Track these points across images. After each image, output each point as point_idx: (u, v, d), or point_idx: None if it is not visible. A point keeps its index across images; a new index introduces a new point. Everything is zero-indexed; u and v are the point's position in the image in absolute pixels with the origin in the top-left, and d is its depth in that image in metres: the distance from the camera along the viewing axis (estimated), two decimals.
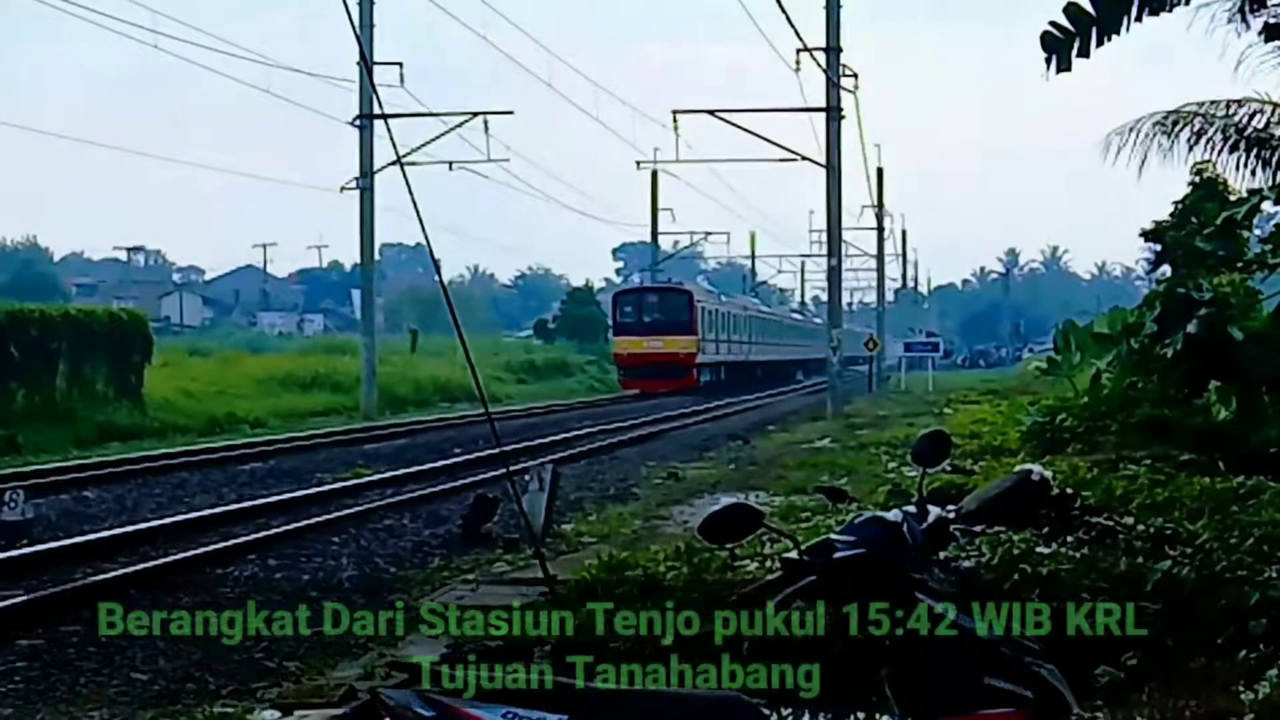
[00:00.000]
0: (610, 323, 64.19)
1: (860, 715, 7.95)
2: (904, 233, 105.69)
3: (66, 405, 32.51)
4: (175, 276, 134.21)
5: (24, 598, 11.62)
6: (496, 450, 15.32)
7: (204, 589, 12.46)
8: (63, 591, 11.89)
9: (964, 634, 3.92)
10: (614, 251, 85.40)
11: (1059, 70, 11.63)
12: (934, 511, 4.16)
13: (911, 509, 4.17)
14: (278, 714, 7.91)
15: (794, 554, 4.03)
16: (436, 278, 9.10)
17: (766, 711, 4.07)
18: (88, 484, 20.57)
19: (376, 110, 38.19)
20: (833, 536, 4.07)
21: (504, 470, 11.56)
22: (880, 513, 4.21)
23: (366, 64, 34.46)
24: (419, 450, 25.86)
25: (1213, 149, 17.80)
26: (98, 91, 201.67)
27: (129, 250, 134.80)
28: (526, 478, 14.80)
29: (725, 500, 4.24)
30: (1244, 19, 14.58)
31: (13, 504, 15.27)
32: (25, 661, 9.81)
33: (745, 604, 7.01)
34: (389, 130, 32.57)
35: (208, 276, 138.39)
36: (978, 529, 4.39)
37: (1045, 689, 3.92)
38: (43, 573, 13.01)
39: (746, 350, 71.35)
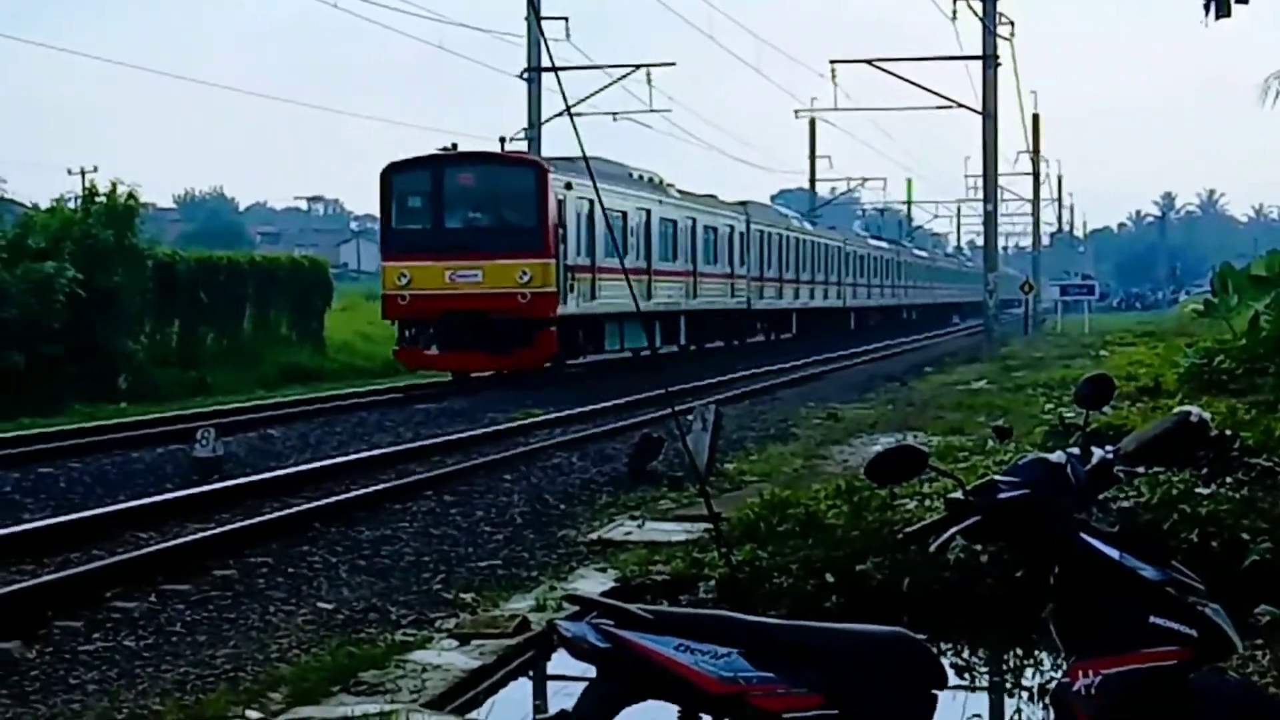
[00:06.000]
0: (379, 233, 34.70)
1: (1020, 652, 8.09)
2: (1059, 177, 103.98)
3: (252, 348, 33.66)
4: (353, 224, 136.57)
5: (216, 530, 12.17)
6: (662, 391, 15.55)
7: (383, 523, 12.92)
8: (252, 524, 12.41)
9: (1129, 573, 3.94)
10: (772, 198, 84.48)
11: (1218, 16, 11.42)
12: (1097, 453, 4.14)
13: (1075, 450, 4.20)
14: (455, 643, 8.10)
15: (958, 494, 4.12)
16: (605, 225, 9.31)
17: (931, 646, 4.16)
18: (273, 423, 21.29)
19: (545, 63, 38.59)
20: (996, 477, 4.13)
21: (669, 410, 11.77)
22: (1044, 454, 4.25)
23: (536, 18, 34.92)
24: (588, 390, 26.20)
25: None
26: (278, 48, 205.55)
27: (309, 200, 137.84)
28: (690, 417, 14.99)
29: (885, 441, 4.35)
30: None
31: (204, 441, 15.95)
32: (218, 591, 10.24)
33: (909, 542, 7.19)
34: (559, 82, 32.86)
35: None
36: (1139, 470, 4.41)
37: (1209, 628, 3.92)
38: (233, 507, 13.56)
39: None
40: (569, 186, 29.73)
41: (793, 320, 51.17)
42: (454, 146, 30.23)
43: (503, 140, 31.66)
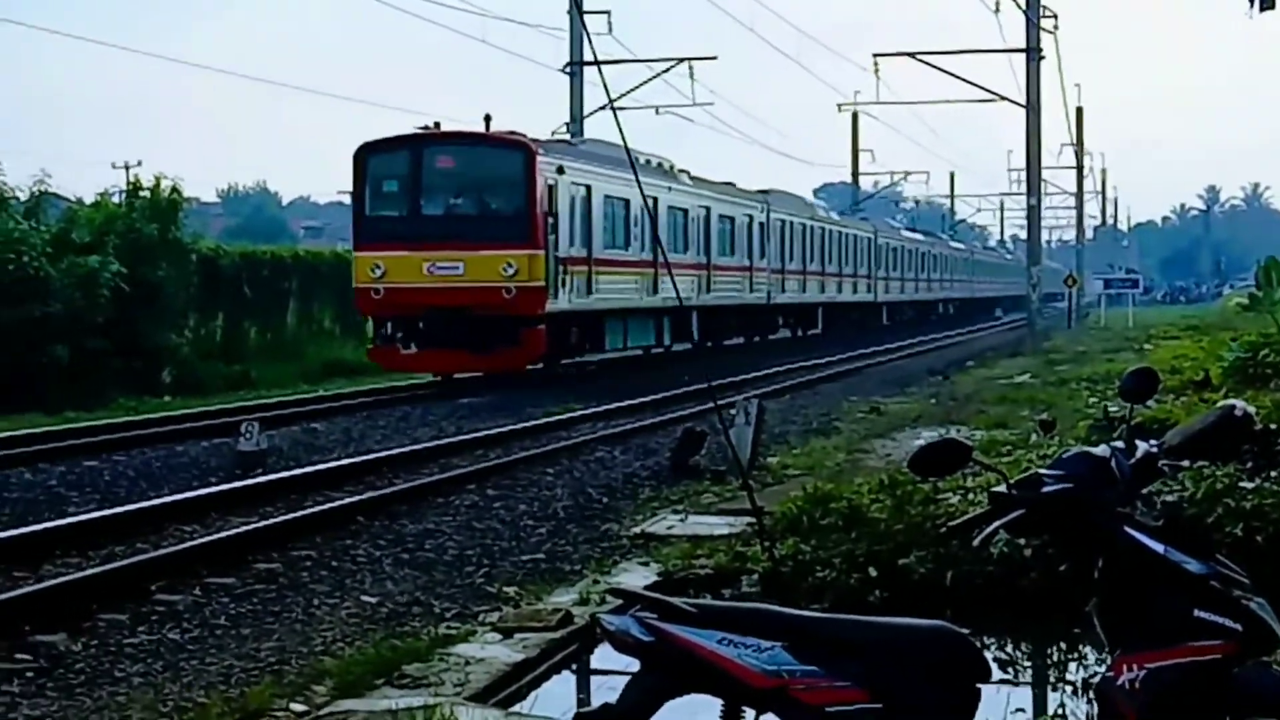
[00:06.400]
0: (353, 221, 29.09)
1: (1063, 646, 8.05)
2: (1103, 171, 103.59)
3: (296, 342, 33.89)
4: None
5: (260, 523, 12.24)
6: (704, 385, 15.57)
7: (426, 517, 12.96)
8: (295, 518, 12.48)
9: (1173, 567, 3.92)
10: (815, 192, 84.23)
11: (1263, 8, 11.33)
12: (1141, 446, 4.13)
13: (1119, 444, 4.18)
14: (499, 637, 8.12)
15: (1002, 488, 4.11)
16: (650, 218, 9.32)
17: (974, 640, 4.15)
18: (316, 417, 21.41)
19: (587, 57, 38.68)
20: (1041, 471, 4.12)
21: (712, 404, 11.76)
22: (1088, 448, 4.23)
23: (579, 12, 35.03)
24: (628, 385, 26.22)
25: None
26: (320, 41, 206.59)
27: (351, 194, 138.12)
28: (732, 411, 15.01)
29: (927, 435, 4.33)
30: None
31: (248, 435, 16.05)
32: (262, 584, 10.30)
33: (952, 536, 7.16)
34: (601, 75, 32.88)
35: None
36: (1183, 464, 4.38)
37: (1254, 622, 3.92)
38: (276, 500, 13.66)
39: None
40: (561, 170, 27.42)
41: (819, 315, 48.69)
42: (437, 125, 27.85)
43: (487, 119, 28.01)
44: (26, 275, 25.15)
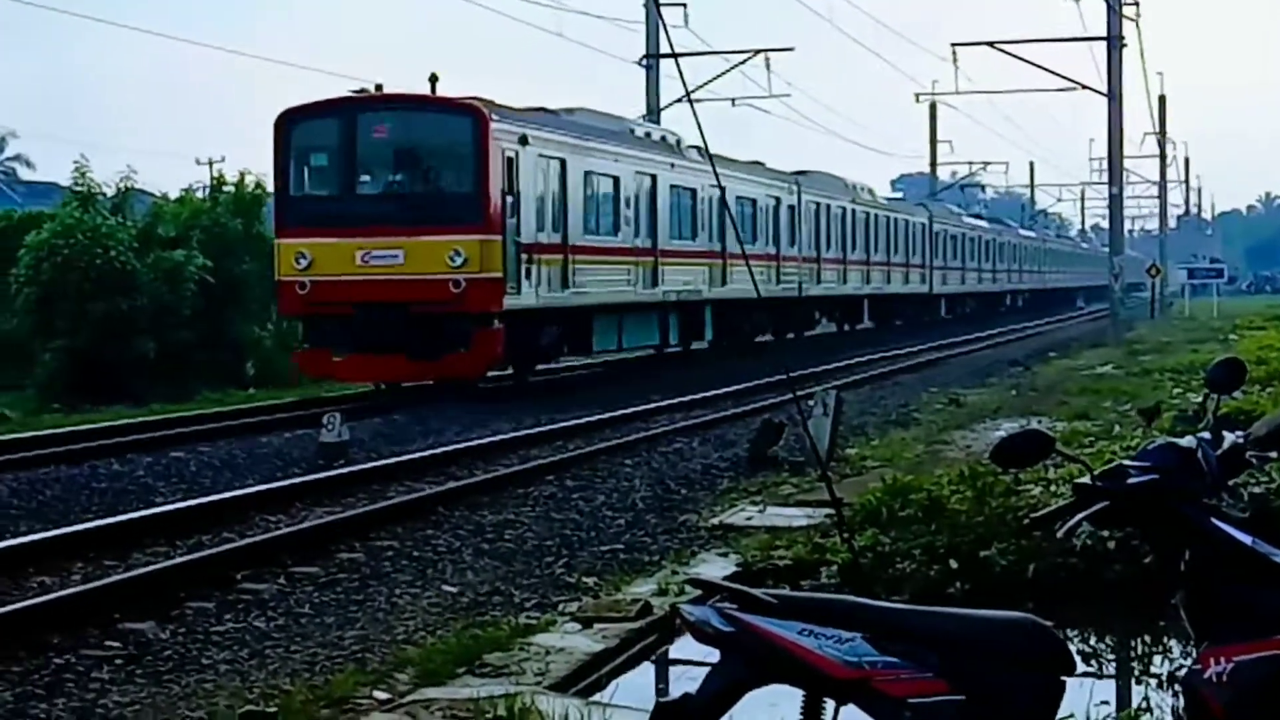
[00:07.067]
0: (274, 202, 25.78)
1: (1147, 639, 7.97)
2: (1186, 159, 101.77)
3: None
4: None
5: (343, 513, 12.40)
6: (783, 376, 15.52)
7: (505, 507, 13.03)
8: (377, 508, 12.61)
9: (1261, 559, 3.86)
10: (892, 183, 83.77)
11: None
12: (1228, 437, 4.07)
13: (1205, 435, 4.14)
14: (578, 626, 8.16)
15: (1086, 479, 4.07)
16: (726, 211, 9.32)
17: (1057, 632, 4.12)
18: (397, 408, 21.48)
19: (664, 50, 38.69)
20: (1125, 462, 4.08)
21: (791, 395, 11.74)
22: (1174, 439, 4.19)
23: (656, 4, 35.02)
24: (707, 376, 26.21)
25: None
26: (395, 36, 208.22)
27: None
28: (811, 403, 14.97)
29: (1008, 426, 4.30)
30: None
31: (330, 426, 16.22)
32: (345, 573, 10.40)
33: (1035, 528, 7.11)
34: (679, 68, 32.99)
35: None
36: (1270, 455, 4.32)
37: None
38: (358, 490, 13.81)
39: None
40: (524, 141, 23.27)
41: (863, 308, 45.00)
42: (379, 88, 23.96)
43: (433, 79, 23.58)
44: (114, 270, 25.57)
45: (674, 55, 35.93)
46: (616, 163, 26.93)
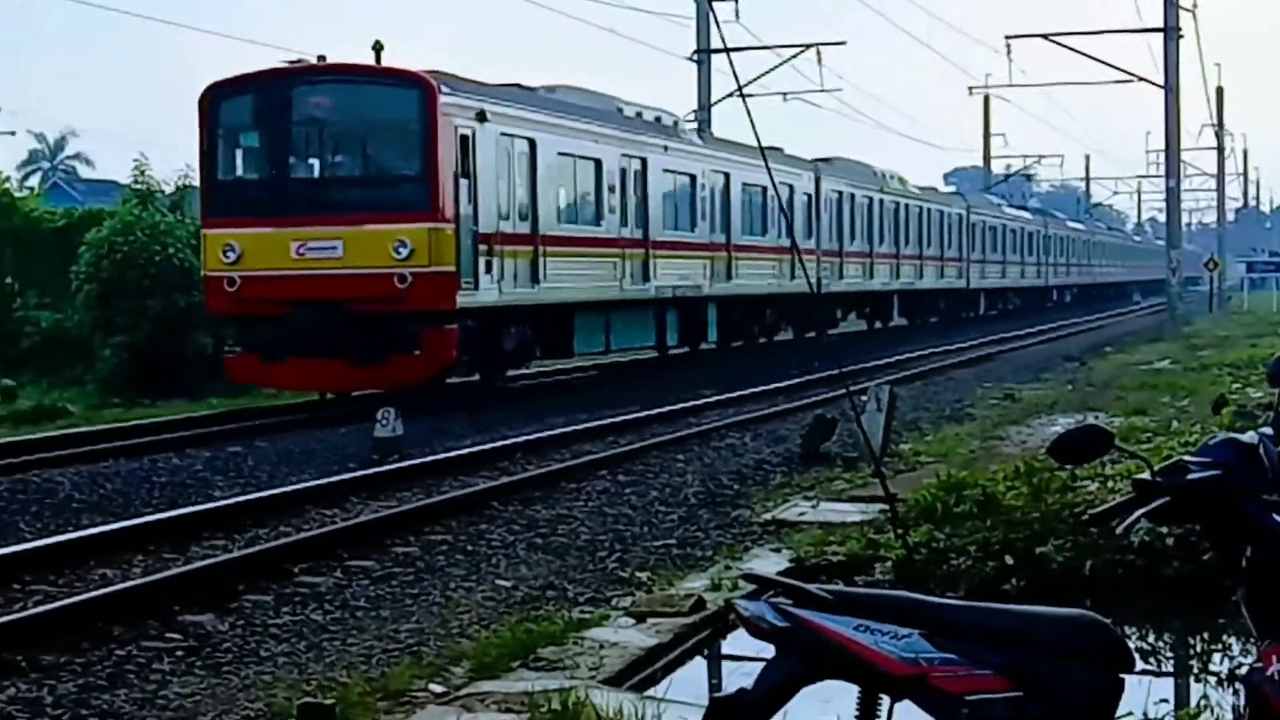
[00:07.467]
0: (200, 187, 22.75)
1: (1206, 636, 7.90)
2: (1245, 152, 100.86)
3: None
4: None
5: (397, 508, 12.47)
6: (835, 371, 15.47)
7: (558, 502, 13.08)
8: (431, 503, 12.68)
9: None
10: (945, 177, 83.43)
11: None
12: None
13: (1267, 430, 4.10)
14: (632, 621, 8.17)
15: (1146, 475, 4.03)
16: (778, 205, 9.29)
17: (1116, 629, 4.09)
18: (450, 404, 21.34)
19: (715, 45, 38.64)
20: (1186, 458, 4.05)
21: (844, 391, 11.69)
22: (1235, 434, 4.15)
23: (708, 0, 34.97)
24: (757, 371, 26.15)
25: None
26: (442, 33, 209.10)
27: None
28: (864, 398, 14.92)
29: (1064, 421, 4.27)
30: None
31: (384, 422, 16.31)
32: (400, 567, 10.47)
33: (1094, 524, 7.05)
34: (730, 63, 32.73)
35: None
36: None
37: None
38: (412, 485, 13.91)
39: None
40: (482, 117, 20.76)
41: (893, 304, 42.56)
42: (322, 59, 21.13)
43: (377, 48, 20.83)
44: (172, 266, 25.76)
45: (725, 50, 35.75)
46: (598, 144, 24.36)
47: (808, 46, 41.60)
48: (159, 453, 16.42)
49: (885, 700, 3.85)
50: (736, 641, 7.72)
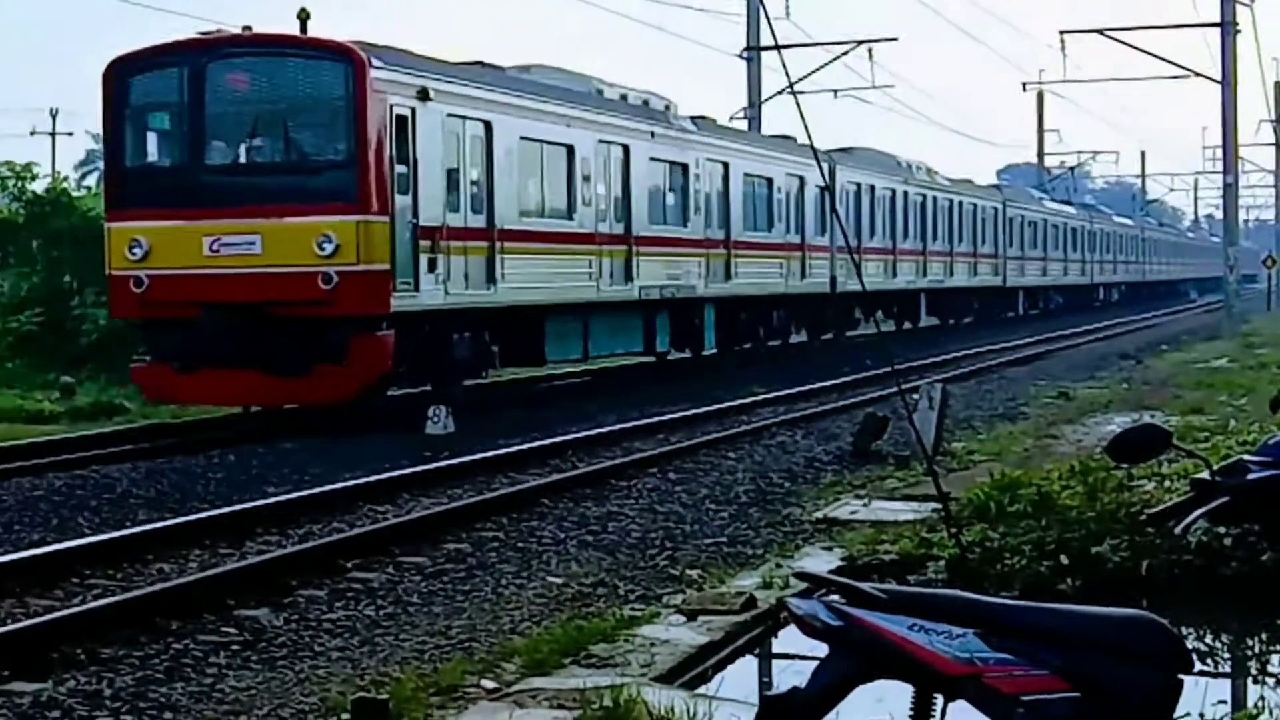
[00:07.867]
0: (104, 174, 23.41)
1: (1265, 637, 7.82)
2: None
3: None
4: None
5: (449, 505, 12.53)
6: (887, 369, 15.40)
7: (609, 499, 13.10)
8: (482, 500, 12.73)
9: None
10: (998, 173, 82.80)
11: None
12: None
13: None
14: (682, 619, 8.15)
15: (1205, 474, 4.01)
16: (830, 201, 9.28)
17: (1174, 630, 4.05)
18: (501, 401, 21.57)
19: (765, 42, 38.59)
20: (1245, 458, 4.03)
21: (896, 389, 11.64)
22: None
23: None
24: (808, 368, 26.09)
25: None
26: (490, 27, 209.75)
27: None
28: (916, 396, 14.85)
29: (1120, 420, 4.25)
30: None
31: (436, 419, 16.38)
32: (452, 564, 10.51)
33: (1151, 524, 7.01)
34: (781, 59, 32.67)
35: None
36: None
37: None
38: (464, 482, 13.97)
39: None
40: (424, 95, 18.38)
41: (920, 303, 39.90)
42: (247, 30, 18.94)
43: (303, 16, 18.53)
44: None
45: (776, 47, 35.68)
46: (569, 128, 21.76)
47: (859, 43, 41.57)
48: (214, 449, 16.56)
49: (939, 700, 3.84)
50: (787, 640, 7.70)
